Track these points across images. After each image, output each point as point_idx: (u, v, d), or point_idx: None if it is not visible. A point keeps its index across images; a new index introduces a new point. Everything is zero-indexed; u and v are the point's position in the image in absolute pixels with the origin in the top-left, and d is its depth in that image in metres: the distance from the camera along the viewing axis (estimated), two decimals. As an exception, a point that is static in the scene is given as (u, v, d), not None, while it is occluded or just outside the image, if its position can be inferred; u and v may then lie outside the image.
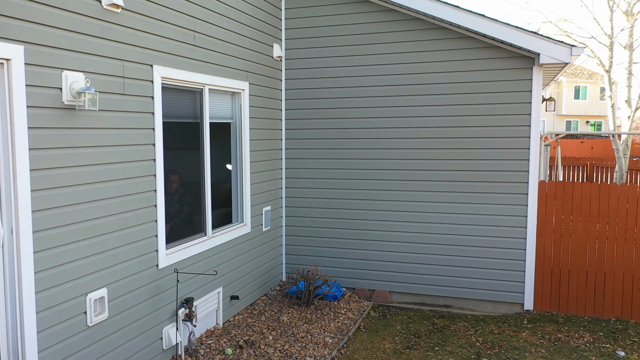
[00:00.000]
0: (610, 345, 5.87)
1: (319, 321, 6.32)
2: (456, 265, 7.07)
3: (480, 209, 6.92)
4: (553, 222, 6.87)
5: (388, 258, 7.34)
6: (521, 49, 6.55)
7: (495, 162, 6.82)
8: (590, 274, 6.79)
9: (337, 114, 7.38)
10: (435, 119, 6.99)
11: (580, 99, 47.38)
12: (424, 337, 6.10)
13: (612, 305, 6.72)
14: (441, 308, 7.12)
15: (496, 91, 6.76)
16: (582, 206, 6.79)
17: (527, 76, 6.64)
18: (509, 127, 6.74)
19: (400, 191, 7.20)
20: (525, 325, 6.48)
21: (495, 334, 6.18)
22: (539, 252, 6.88)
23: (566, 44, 6.34)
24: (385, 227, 7.32)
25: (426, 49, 6.95)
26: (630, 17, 13.38)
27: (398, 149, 7.16)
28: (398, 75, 7.08)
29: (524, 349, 5.74)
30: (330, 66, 7.34)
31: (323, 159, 7.50)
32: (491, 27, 6.46)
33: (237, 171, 6.54)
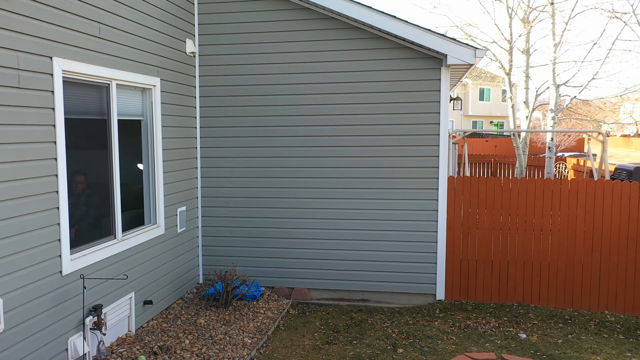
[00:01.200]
0: (513, 329, 6.29)
1: (238, 322, 6.22)
2: (372, 260, 7.25)
3: (394, 205, 7.14)
4: (461, 215, 7.24)
5: (306, 255, 7.38)
6: (430, 50, 6.83)
7: (408, 159, 7.07)
8: (495, 263, 7.24)
9: (254, 112, 7.30)
10: (351, 117, 7.11)
11: (484, 101, 50.49)
12: (343, 331, 6.19)
13: (515, 291, 7.20)
14: (359, 302, 7.27)
15: (408, 90, 7.00)
16: (487, 200, 7.22)
17: (436, 76, 6.94)
18: (420, 125, 7.01)
19: (317, 189, 7.26)
20: (438, 314, 6.78)
21: (410, 325, 6.41)
22: (449, 245, 7.23)
23: (470, 46, 6.70)
24: (303, 224, 7.34)
25: (341, 48, 7.05)
26: (527, 25, 14.41)
27: (314, 147, 7.22)
28: (314, 73, 7.13)
29: (436, 337, 5.99)
30: (246, 63, 7.24)
31: (240, 157, 7.39)
32: (403, 29, 6.68)
33: (149, 171, 6.27)
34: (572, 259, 7.03)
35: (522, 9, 14.44)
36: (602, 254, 6.94)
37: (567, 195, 7.01)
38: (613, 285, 6.93)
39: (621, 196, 6.85)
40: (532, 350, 5.64)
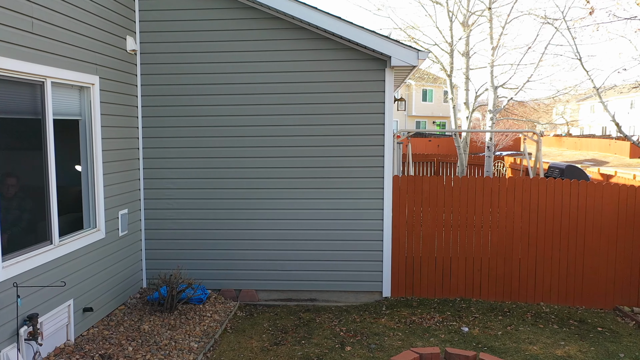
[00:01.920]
0: (456, 323, 6.49)
1: (184, 326, 6.09)
2: (320, 259, 7.29)
3: (341, 204, 7.20)
4: (406, 213, 7.41)
5: (254, 256, 7.32)
6: (375, 52, 6.94)
7: (354, 159, 7.15)
8: (438, 259, 7.45)
9: (199, 111, 7.17)
10: (298, 117, 7.12)
11: (427, 101, 51.86)
12: (291, 332, 6.18)
13: (457, 286, 7.44)
14: (307, 302, 7.29)
15: (353, 91, 7.08)
16: (430, 198, 7.41)
17: (380, 77, 7.06)
18: (365, 125, 7.11)
19: (264, 189, 7.22)
20: (384, 311, 6.90)
21: (357, 323, 6.49)
22: (395, 242, 7.37)
23: (413, 48, 6.85)
24: (250, 225, 7.28)
25: (287, 48, 7.04)
26: (467, 28, 14.93)
27: (262, 147, 7.17)
28: (260, 73, 7.08)
29: (383, 334, 6.10)
30: (190, 62, 7.10)
31: (184, 158, 7.23)
32: (348, 30, 6.75)
33: (88, 172, 6.02)
34: (510, 254, 7.34)
35: (462, 13, 14.94)
36: (537, 248, 7.29)
37: (505, 192, 7.31)
38: (548, 278, 7.29)
39: (554, 193, 7.22)
40: (474, 343, 5.85)
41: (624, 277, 7.18)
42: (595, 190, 7.16)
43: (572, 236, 7.22)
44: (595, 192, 7.16)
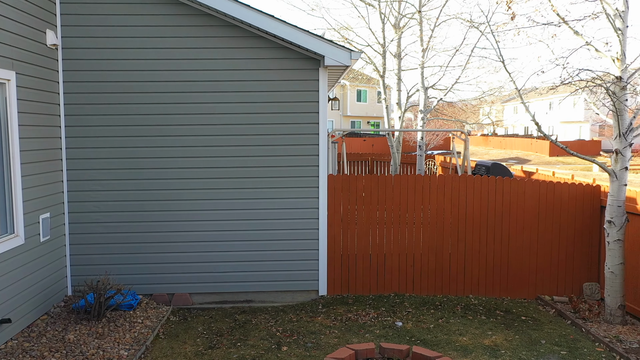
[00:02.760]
0: (390, 318, 6.63)
1: (113, 334, 5.82)
2: (256, 260, 7.21)
3: (276, 204, 7.16)
4: (341, 212, 7.48)
5: (187, 259, 7.13)
6: (309, 51, 6.95)
7: (289, 158, 7.13)
8: (373, 256, 7.57)
9: (127, 110, 6.88)
10: (231, 116, 7.00)
11: (362, 102, 52.75)
12: (226, 334, 6.08)
13: (391, 282, 7.61)
14: (243, 304, 7.19)
15: (288, 90, 7.06)
16: (365, 196, 7.53)
17: (314, 77, 7.08)
18: (300, 125, 7.11)
19: (198, 189, 7.05)
20: (321, 310, 6.93)
21: (294, 322, 6.47)
22: (330, 241, 7.43)
23: (347, 48, 6.93)
24: (183, 227, 7.08)
25: (220, 45, 6.91)
26: (398, 30, 15.30)
27: (195, 147, 7.00)
28: (191, 71, 6.90)
29: (319, 332, 6.12)
30: (116, 58, 6.80)
31: (112, 158, 6.92)
32: (282, 29, 6.72)
33: (4, 174, 5.62)
34: (441, 249, 7.59)
35: (394, 15, 15.30)
36: (466, 243, 7.58)
37: (436, 190, 7.55)
38: (476, 271, 7.61)
39: (481, 190, 7.54)
40: (408, 337, 5.99)
41: (545, 268, 7.62)
42: (518, 186, 7.55)
43: (498, 230, 7.57)
44: (518, 188, 7.54)
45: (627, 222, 6.55)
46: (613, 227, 6.54)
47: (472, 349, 5.68)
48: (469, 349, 5.70)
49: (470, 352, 5.61)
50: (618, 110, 6.38)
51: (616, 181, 6.51)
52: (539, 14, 7.36)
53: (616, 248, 6.54)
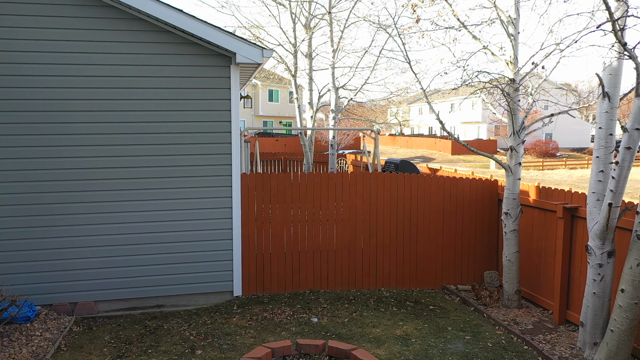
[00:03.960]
0: (306, 315, 6.67)
1: (7, 349, 5.34)
2: (167, 263, 6.95)
3: (188, 204, 6.95)
4: (255, 210, 7.41)
5: (91, 265, 6.72)
6: (220, 48, 6.81)
7: (200, 157, 6.94)
8: (288, 255, 7.59)
9: (19, 106, 6.34)
10: (137, 113, 6.69)
11: (274, 101, 52.68)
12: (136, 342, 5.80)
13: (306, 279, 7.66)
14: (154, 309, 6.91)
15: (198, 87, 6.87)
16: (278, 195, 7.52)
17: (226, 74, 6.95)
18: (212, 123, 6.95)
19: (103, 191, 6.66)
20: (236, 310, 6.83)
21: (208, 325, 6.32)
22: (245, 240, 7.34)
23: (258, 46, 6.88)
24: (86, 232, 6.66)
25: (125, 39, 6.58)
26: (309, 30, 15.45)
27: (95, 146, 6.60)
28: (93, 65, 6.51)
29: (235, 334, 6.03)
30: (8, 50, 6.25)
31: (4, 159, 6.35)
32: (191, 24, 6.53)
33: None
34: (354, 245, 7.77)
35: (304, 16, 15.42)
36: (377, 238, 7.82)
37: (348, 187, 7.71)
38: (387, 264, 7.87)
39: (390, 186, 7.81)
40: (324, 332, 6.07)
41: (450, 259, 8.05)
42: (425, 182, 7.91)
43: (407, 225, 7.88)
44: (425, 184, 7.90)
45: (521, 213, 7.08)
46: (509, 218, 7.05)
47: (385, 340, 5.87)
48: (382, 339, 5.88)
49: (384, 342, 5.80)
50: (512, 110, 6.88)
51: (511, 176, 7.02)
52: (442, 18, 7.76)
53: (512, 238, 7.05)
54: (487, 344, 5.82)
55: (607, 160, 5.40)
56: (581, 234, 6.26)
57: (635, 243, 4.94)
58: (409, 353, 5.53)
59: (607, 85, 5.32)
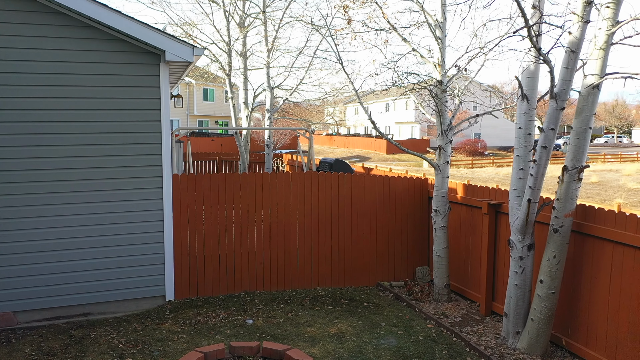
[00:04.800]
0: (241, 317, 6.60)
1: None
2: (93, 269, 6.65)
3: (116, 207, 6.68)
4: (188, 212, 7.25)
5: (9, 274, 6.31)
6: (148, 45, 6.60)
7: (129, 158, 6.70)
8: (222, 256, 7.47)
9: None
10: (61, 112, 6.36)
11: (209, 101, 51.73)
12: (60, 353, 5.51)
13: (241, 281, 7.58)
14: (80, 318, 6.59)
15: (126, 85, 6.62)
16: (211, 196, 7.39)
17: (155, 72, 6.74)
18: (140, 122, 6.71)
19: (21, 195, 6.27)
20: (168, 315, 6.64)
21: (138, 331, 6.11)
22: (177, 243, 7.16)
23: (189, 44, 6.72)
24: (1, 238, 6.25)
25: (46, 34, 6.23)
26: (243, 29, 15.28)
27: (18, 147, 6.21)
28: (10, 61, 6.11)
29: (167, 339, 5.86)
30: None
31: None
32: (115, 19, 6.27)
33: None
34: (289, 244, 7.77)
35: (238, 14, 15.24)
36: (312, 237, 7.86)
37: (282, 187, 7.70)
38: (322, 263, 7.93)
39: (325, 185, 7.87)
40: (259, 334, 6.02)
41: (383, 256, 8.22)
42: (359, 181, 8.04)
43: (342, 224, 7.98)
44: (359, 183, 8.03)
45: (449, 210, 7.35)
46: (438, 215, 7.30)
47: (320, 338, 5.91)
48: (317, 338, 5.92)
49: (319, 341, 5.83)
50: (440, 110, 7.12)
51: (440, 174, 7.27)
52: (373, 20, 7.91)
53: (441, 234, 7.31)
54: (419, 337, 6.00)
55: (526, 158, 5.71)
56: (505, 229, 6.58)
57: (552, 236, 5.26)
58: (344, 350, 5.60)
59: (525, 88, 5.62)
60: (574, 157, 5.08)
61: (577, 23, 4.82)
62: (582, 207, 5.37)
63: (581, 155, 5.07)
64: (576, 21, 4.82)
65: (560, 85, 5.07)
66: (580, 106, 4.99)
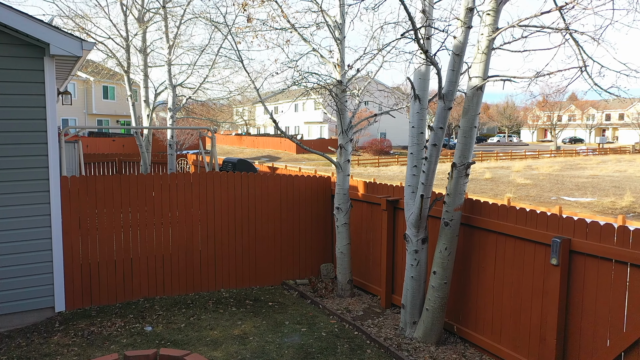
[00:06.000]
0: (139, 324, 6.31)
1: None
2: (-31, 281, 6.04)
3: (-6, 213, 6.12)
4: (79, 217, 6.80)
5: None
6: (30, 37, 6.11)
7: (9, 160, 6.15)
8: (118, 262, 7.10)
9: None
10: None
11: (109, 99, 49.01)
12: None
13: (140, 287, 7.25)
14: (-47, 336, 5.96)
15: (4, 80, 6.08)
16: (106, 199, 6.99)
17: (38, 67, 6.26)
18: (22, 121, 6.20)
19: None
20: (58, 328, 6.19)
21: (23, 347, 5.63)
22: (67, 250, 6.69)
23: (77, 37, 6.31)
24: None
25: None
26: (142, 24, 14.63)
27: None
28: None
29: (55, 353, 5.46)
30: None
31: None
32: (-10, 8, 5.74)
33: None
34: (192, 247, 7.55)
35: (137, 9, 14.56)
36: (216, 238, 7.70)
37: (184, 188, 7.46)
38: (226, 265, 7.79)
39: (228, 185, 7.74)
40: (158, 340, 5.79)
41: (288, 254, 8.24)
42: (262, 180, 7.99)
43: (246, 224, 7.89)
44: (262, 183, 7.98)
45: (351, 207, 7.53)
46: (340, 212, 7.45)
47: (223, 341, 5.80)
48: (220, 341, 5.80)
49: (221, 344, 5.72)
50: (340, 110, 7.27)
51: (341, 172, 7.42)
52: (274, 19, 7.89)
53: (344, 231, 7.46)
54: (322, 333, 6.08)
55: (419, 156, 5.99)
56: (402, 224, 6.85)
57: (444, 230, 5.55)
58: (246, 351, 5.53)
59: (417, 89, 5.89)
60: (462, 154, 5.39)
61: (461, 28, 5.13)
62: (470, 201, 5.73)
63: (468, 153, 5.39)
64: (460, 26, 5.13)
65: (447, 86, 5.36)
66: (466, 106, 5.31)
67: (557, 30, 5.01)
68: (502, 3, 5.00)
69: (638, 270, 4.06)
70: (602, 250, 4.27)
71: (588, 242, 4.40)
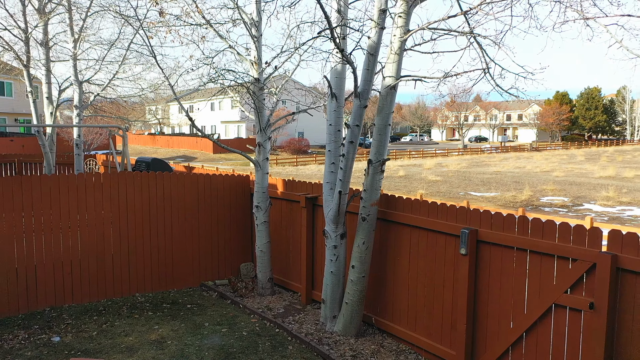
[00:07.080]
0: (46, 335, 5.91)
1: None
2: None
3: None
4: (-27, 223, 6.24)
5: None
6: None
7: None
8: (20, 270, 6.60)
9: None
10: None
11: (7, 96, 45.34)
12: None
13: (46, 295, 6.78)
14: None
15: None
16: (4, 202, 6.47)
17: None
18: None
19: None
20: (-50, 344, 5.65)
21: None
22: (-40, 259, 6.11)
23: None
24: None
25: None
26: (44, 16, 13.66)
27: None
28: None
29: (-53, 372, 4.98)
30: None
31: None
32: None
33: None
34: (103, 251, 7.18)
35: None
36: (129, 241, 7.38)
37: (93, 189, 7.08)
38: (141, 268, 7.49)
39: (141, 186, 7.44)
40: (67, 351, 5.45)
41: (207, 255, 8.08)
42: (178, 180, 7.76)
43: (161, 225, 7.63)
44: (178, 182, 7.76)
45: (271, 205, 7.52)
46: (260, 210, 7.42)
47: (139, 347, 5.58)
48: (135, 347, 5.57)
49: (137, 350, 5.50)
50: (258, 108, 7.23)
51: (260, 170, 7.39)
52: (189, 15, 7.69)
53: (263, 229, 7.44)
54: (243, 333, 6.02)
55: (337, 153, 6.10)
56: (322, 221, 6.95)
57: (361, 224, 5.70)
58: (164, 356, 5.36)
59: (334, 87, 6.00)
60: (377, 151, 5.56)
61: (375, 29, 5.29)
62: (385, 196, 5.93)
63: (383, 149, 5.57)
64: (374, 27, 5.29)
65: (362, 85, 5.51)
66: (381, 105, 5.49)
67: (462, 33, 5.32)
68: (412, 6, 5.21)
69: (536, 256, 4.41)
70: (505, 239, 4.60)
71: (493, 232, 4.71)
